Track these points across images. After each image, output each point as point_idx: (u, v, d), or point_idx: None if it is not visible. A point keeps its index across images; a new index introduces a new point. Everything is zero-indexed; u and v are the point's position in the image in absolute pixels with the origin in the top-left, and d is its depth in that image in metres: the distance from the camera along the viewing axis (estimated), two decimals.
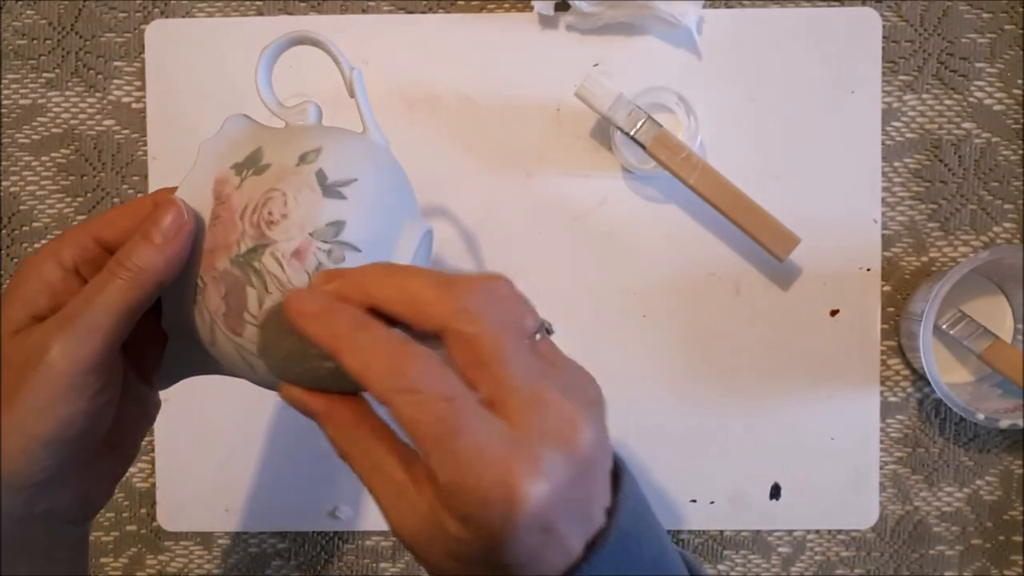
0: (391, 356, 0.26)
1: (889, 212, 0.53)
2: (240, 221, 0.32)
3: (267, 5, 0.54)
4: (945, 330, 0.51)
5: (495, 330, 0.27)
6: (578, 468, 0.26)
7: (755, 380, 0.53)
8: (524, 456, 0.25)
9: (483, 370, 0.26)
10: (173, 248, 0.32)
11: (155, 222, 0.32)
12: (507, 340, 0.27)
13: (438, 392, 0.26)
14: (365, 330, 0.27)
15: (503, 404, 0.26)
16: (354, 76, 0.38)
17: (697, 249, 0.53)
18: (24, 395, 0.31)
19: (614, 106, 0.49)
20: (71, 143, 0.55)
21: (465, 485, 0.25)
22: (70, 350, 0.31)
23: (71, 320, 0.31)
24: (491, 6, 0.54)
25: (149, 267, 0.32)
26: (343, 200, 0.33)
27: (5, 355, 0.32)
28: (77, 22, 0.54)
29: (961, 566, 0.54)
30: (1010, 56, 0.53)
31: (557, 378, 0.28)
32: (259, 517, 0.54)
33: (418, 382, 0.26)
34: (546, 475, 0.25)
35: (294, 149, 0.34)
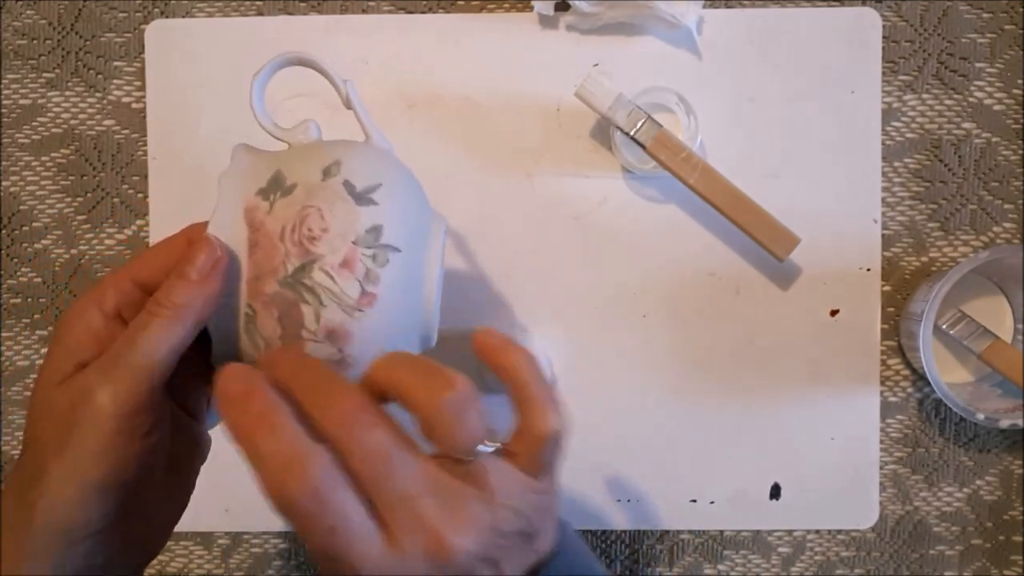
0: (283, 466, 0.27)
1: (889, 212, 0.53)
2: (281, 243, 0.33)
3: (267, 5, 0.54)
4: (945, 330, 0.51)
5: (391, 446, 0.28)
6: (461, 566, 0.28)
7: (755, 380, 0.53)
8: (403, 554, 0.27)
9: (372, 484, 0.28)
10: (210, 284, 0.32)
11: (190, 260, 0.32)
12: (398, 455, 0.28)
13: (324, 518, 0.27)
14: (268, 426, 0.28)
15: (385, 520, 0.28)
16: (348, 88, 0.38)
17: (697, 249, 0.53)
18: (74, 443, 0.30)
19: (614, 106, 0.49)
20: (71, 143, 0.55)
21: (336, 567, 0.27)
22: (116, 393, 0.31)
23: (114, 363, 0.31)
24: (491, 6, 0.54)
25: (188, 304, 0.32)
26: (376, 206, 0.34)
27: (52, 403, 0.32)
28: (77, 22, 0.54)
29: (961, 566, 0.54)
30: (1010, 56, 0.53)
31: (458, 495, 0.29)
32: (259, 517, 0.54)
33: (306, 502, 0.27)
34: (423, 567, 0.27)
35: (314, 166, 0.35)
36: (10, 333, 0.55)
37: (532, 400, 0.32)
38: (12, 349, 0.55)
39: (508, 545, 0.30)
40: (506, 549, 0.30)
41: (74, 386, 0.31)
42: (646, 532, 0.54)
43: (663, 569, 0.54)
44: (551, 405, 0.32)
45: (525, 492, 0.31)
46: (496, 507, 0.30)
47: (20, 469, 0.32)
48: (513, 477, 0.31)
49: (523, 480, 0.31)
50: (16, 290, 0.55)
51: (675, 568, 0.54)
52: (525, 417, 0.32)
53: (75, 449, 0.30)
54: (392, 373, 0.30)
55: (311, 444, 0.27)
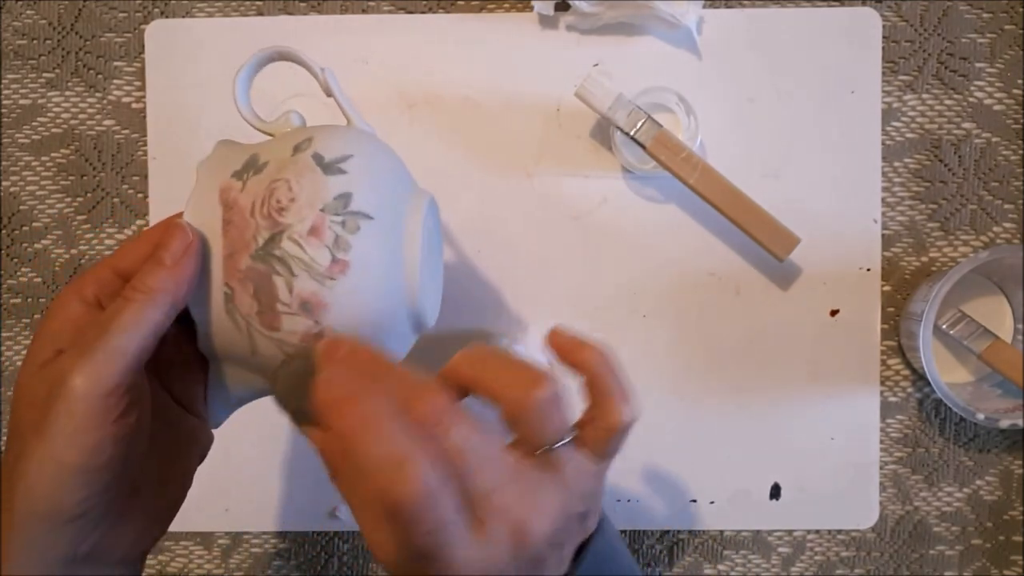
0: (393, 468, 0.27)
1: (889, 212, 0.53)
2: (252, 218, 0.33)
3: (267, 5, 0.54)
4: (945, 330, 0.51)
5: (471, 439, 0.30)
6: (535, 553, 0.30)
7: (755, 380, 0.53)
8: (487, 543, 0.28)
9: (460, 479, 0.29)
10: (183, 267, 0.33)
11: (164, 246, 0.33)
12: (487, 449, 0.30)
13: (428, 518, 0.27)
14: (375, 429, 0.28)
15: (472, 512, 0.29)
16: (327, 76, 0.38)
17: (697, 249, 0.53)
18: (50, 425, 0.31)
19: (614, 106, 0.49)
20: (71, 143, 0.55)
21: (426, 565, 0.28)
22: (88, 375, 0.31)
23: (89, 346, 0.32)
24: (491, 6, 0.54)
25: (161, 288, 0.33)
26: (345, 174, 0.34)
27: (31, 390, 0.32)
28: (77, 22, 0.54)
29: (961, 566, 0.54)
30: (1010, 56, 0.53)
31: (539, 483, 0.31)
32: (259, 517, 0.54)
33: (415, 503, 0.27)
34: (502, 560, 0.29)
35: (287, 144, 0.35)
36: (10, 333, 0.55)
37: (607, 395, 0.33)
38: (12, 349, 0.55)
39: (572, 528, 0.32)
40: (570, 532, 0.32)
41: (51, 370, 0.32)
42: (646, 532, 0.54)
43: (663, 569, 0.54)
44: (625, 398, 0.33)
45: (590, 478, 0.32)
46: (568, 494, 0.31)
47: (4, 456, 0.33)
48: (584, 466, 0.32)
49: (590, 468, 0.32)
50: (16, 290, 0.55)
51: (675, 568, 0.54)
52: (599, 409, 0.33)
53: (50, 431, 0.31)
54: (478, 369, 0.31)
55: (415, 446, 0.28)
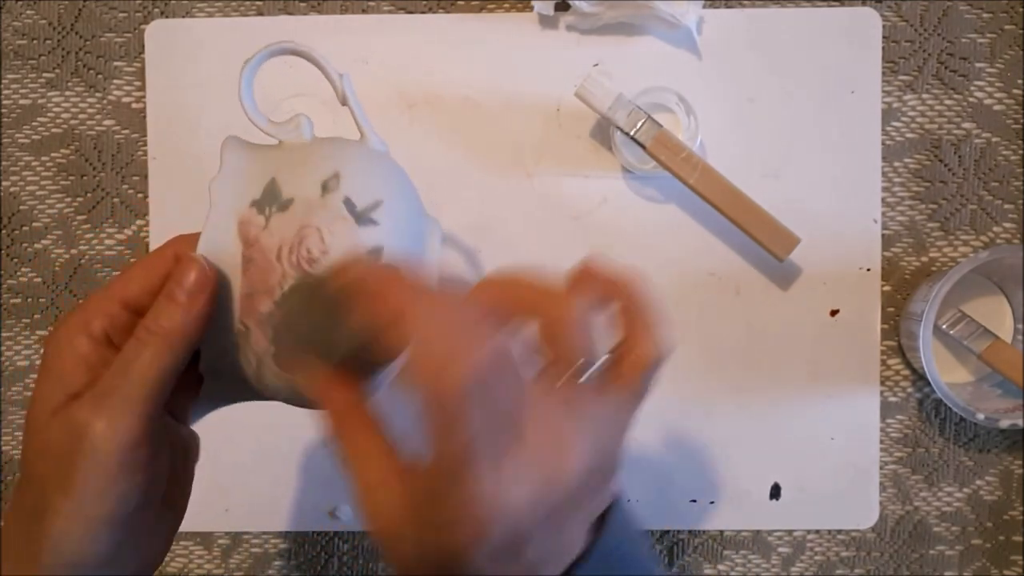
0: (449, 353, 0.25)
1: (889, 212, 0.53)
2: (278, 263, 0.32)
3: (267, 5, 0.54)
4: (945, 330, 0.51)
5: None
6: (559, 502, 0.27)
7: (755, 380, 0.53)
8: (513, 480, 0.26)
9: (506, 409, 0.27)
10: (198, 306, 0.32)
11: (178, 281, 0.32)
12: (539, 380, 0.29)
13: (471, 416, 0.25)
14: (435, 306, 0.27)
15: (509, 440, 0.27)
16: (344, 82, 0.37)
17: (697, 249, 0.53)
18: (77, 481, 0.30)
19: (614, 106, 0.49)
20: (71, 143, 0.55)
21: (449, 491, 0.26)
22: (114, 429, 0.30)
23: (108, 396, 0.31)
24: (491, 6, 0.54)
25: (178, 328, 0.31)
26: (377, 226, 0.33)
27: (46, 438, 0.31)
28: (77, 22, 0.54)
29: (961, 566, 0.54)
30: (1010, 56, 0.53)
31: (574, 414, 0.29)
32: (259, 517, 0.54)
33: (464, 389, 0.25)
34: (526, 503, 0.26)
35: (311, 177, 0.33)
36: (10, 333, 0.55)
37: (642, 324, 0.31)
38: (12, 349, 0.55)
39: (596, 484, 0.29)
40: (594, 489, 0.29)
41: (69, 420, 0.31)
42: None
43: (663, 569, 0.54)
44: (659, 328, 0.31)
45: (619, 423, 0.30)
46: (597, 440, 0.29)
47: (22, 501, 0.32)
48: (613, 407, 0.30)
49: (620, 410, 0.30)
50: (16, 290, 0.55)
51: (675, 568, 0.54)
52: (634, 340, 0.31)
53: (78, 488, 0.30)
54: (512, 287, 0.30)
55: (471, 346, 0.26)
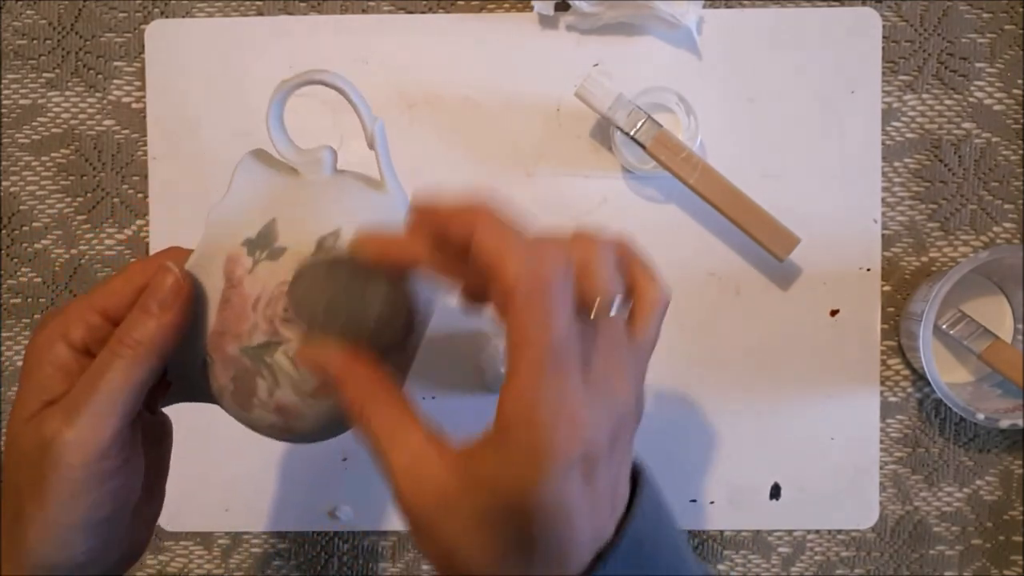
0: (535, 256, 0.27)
1: (889, 212, 0.53)
2: (252, 312, 0.32)
3: (267, 5, 0.54)
4: (945, 330, 0.51)
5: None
6: (618, 428, 0.28)
7: (755, 380, 0.53)
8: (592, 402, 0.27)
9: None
10: (169, 317, 0.31)
11: (152, 292, 0.32)
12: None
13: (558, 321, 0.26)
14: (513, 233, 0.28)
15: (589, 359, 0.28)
16: (376, 128, 0.35)
17: (697, 249, 0.53)
18: (46, 491, 0.30)
19: (614, 106, 0.49)
20: (71, 143, 0.55)
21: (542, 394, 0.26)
22: (81, 441, 0.30)
23: (78, 407, 0.31)
24: (491, 6, 0.54)
25: (148, 340, 0.31)
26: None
27: (21, 445, 0.31)
28: (77, 22, 0.54)
29: (961, 566, 0.54)
30: (1010, 56, 0.53)
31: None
32: (259, 517, 0.54)
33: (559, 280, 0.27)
34: (598, 419, 0.27)
35: (311, 228, 0.32)
36: (10, 333, 0.55)
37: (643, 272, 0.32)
38: (12, 349, 0.55)
39: (629, 421, 0.30)
40: (625, 426, 0.29)
41: (40, 430, 0.31)
42: None
43: None
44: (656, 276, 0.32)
45: (639, 362, 0.31)
46: (634, 368, 0.30)
47: (4, 505, 0.32)
48: (631, 345, 0.30)
49: (636, 349, 0.31)
50: (16, 290, 0.55)
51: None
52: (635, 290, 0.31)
53: (49, 497, 0.30)
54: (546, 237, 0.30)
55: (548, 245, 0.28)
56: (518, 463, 0.26)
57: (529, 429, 0.26)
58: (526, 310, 0.26)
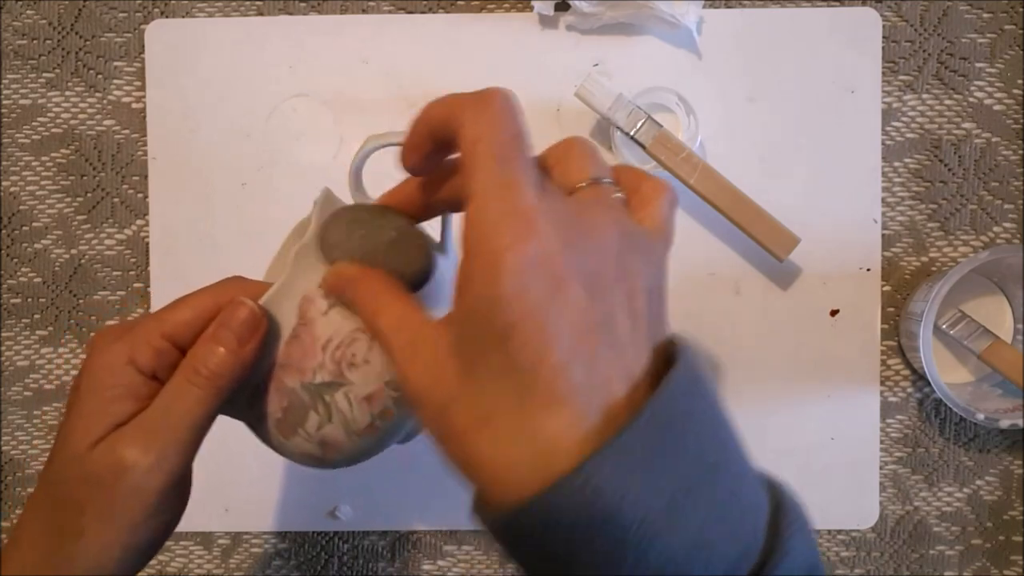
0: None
1: (889, 212, 0.53)
2: (321, 352, 0.33)
3: (267, 5, 0.54)
4: (945, 330, 0.51)
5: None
6: (594, 261, 0.26)
7: (755, 380, 0.53)
8: (547, 214, 0.25)
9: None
10: (246, 351, 0.32)
11: (226, 323, 0.32)
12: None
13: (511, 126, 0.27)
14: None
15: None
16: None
17: (697, 249, 0.53)
18: (118, 512, 0.31)
19: (614, 106, 0.49)
20: (71, 143, 0.55)
21: (493, 201, 0.25)
22: (159, 468, 0.31)
23: (155, 434, 0.32)
24: (491, 6, 0.54)
25: (224, 372, 0.32)
26: None
27: (87, 466, 0.32)
28: (77, 22, 0.54)
29: (961, 566, 0.54)
30: (1010, 56, 0.53)
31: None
32: (259, 517, 0.54)
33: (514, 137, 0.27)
34: (559, 240, 0.25)
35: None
36: (10, 333, 0.55)
37: (643, 174, 0.30)
38: (12, 349, 0.55)
39: (641, 280, 0.27)
40: (640, 282, 0.27)
41: (114, 453, 0.31)
42: None
43: None
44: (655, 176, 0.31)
45: (646, 242, 0.28)
46: (624, 222, 0.28)
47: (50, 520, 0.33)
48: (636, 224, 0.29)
49: (644, 232, 0.29)
50: (16, 290, 0.55)
51: None
52: (639, 182, 0.30)
53: (121, 518, 0.31)
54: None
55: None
56: (476, 276, 0.25)
57: (477, 231, 0.25)
58: (477, 137, 0.26)
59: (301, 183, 0.53)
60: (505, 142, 0.26)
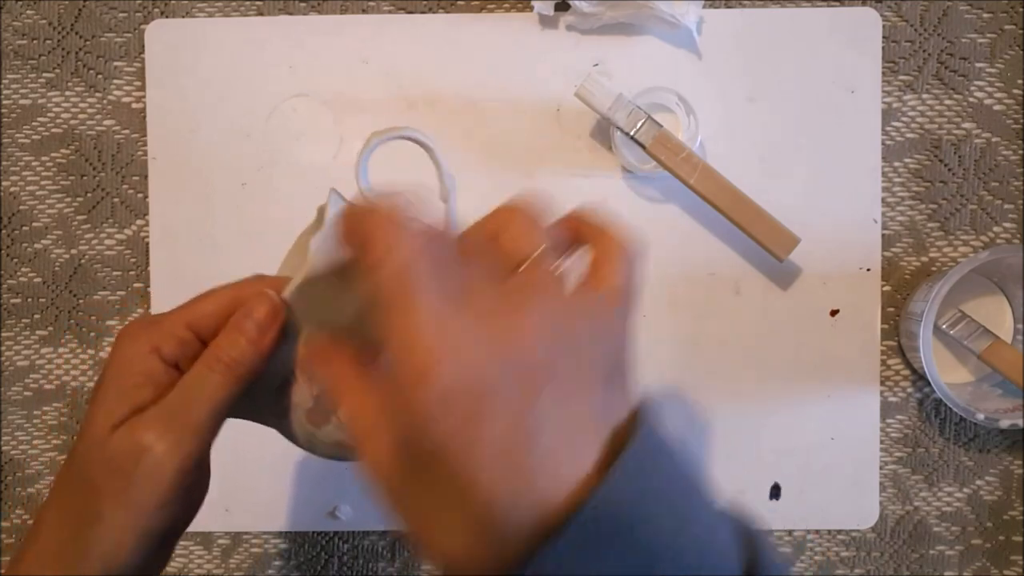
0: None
1: (889, 212, 0.53)
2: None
3: (267, 5, 0.54)
4: (945, 330, 0.51)
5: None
6: (522, 364, 0.24)
7: (755, 380, 0.53)
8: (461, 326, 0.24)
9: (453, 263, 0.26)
10: (266, 341, 0.33)
11: (248, 314, 0.33)
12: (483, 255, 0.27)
13: (393, 232, 0.25)
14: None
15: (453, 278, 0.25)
16: (451, 184, 0.37)
17: (697, 249, 0.53)
18: (134, 495, 0.32)
19: (614, 106, 0.49)
20: (71, 143, 0.55)
21: (393, 320, 0.24)
22: (177, 450, 0.32)
23: (174, 417, 0.32)
24: (491, 6, 0.54)
25: (245, 360, 0.33)
26: None
27: (107, 449, 0.32)
28: (77, 22, 0.54)
29: (961, 566, 0.54)
30: (1010, 56, 0.53)
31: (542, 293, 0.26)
32: (259, 517, 0.54)
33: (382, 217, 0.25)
34: (479, 351, 0.24)
35: None
36: (10, 333, 0.55)
37: (603, 228, 0.29)
38: (12, 349, 0.55)
39: (581, 374, 0.26)
40: (579, 377, 0.26)
41: (134, 436, 0.32)
42: None
43: None
44: (618, 228, 0.29)
45: (598, 321, 0.27)
46: (567, 307, 0.26)
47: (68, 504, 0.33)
48: (586, 302, 0.27)
49: (596, 309, 0.27)
50: (16, 290, 0.55)
51: None
52: (596, 240, 0.29)
53: (136, 502, 0.32)
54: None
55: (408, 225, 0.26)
56: (399, 400, 0.24)
57: (393, 356, 0.24)
58: (376, 263, 0.25)
59: (301, 183, 0.53)
60: (408, 258, 0.24)
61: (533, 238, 0.28)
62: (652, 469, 0.26)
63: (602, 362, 0.27)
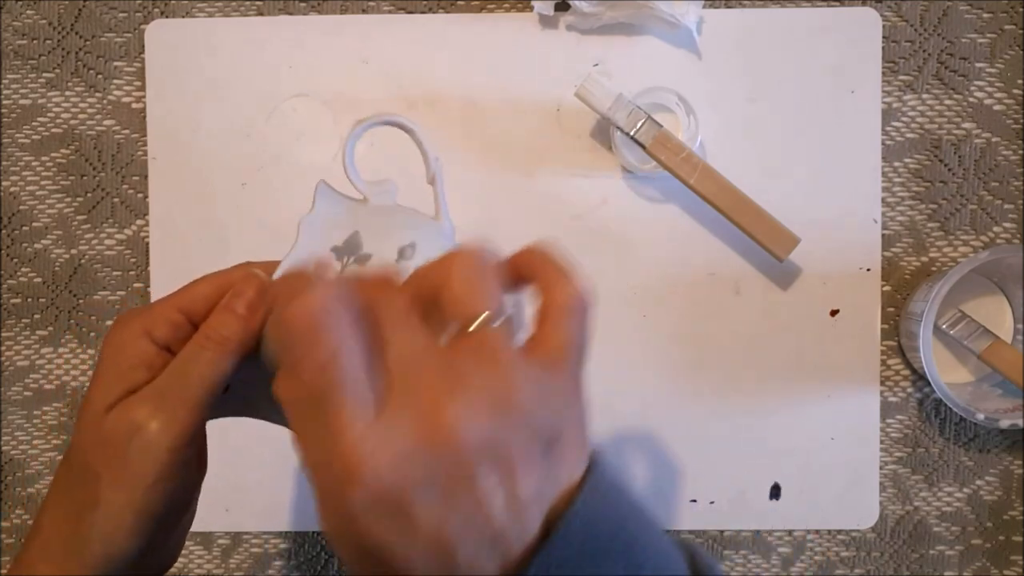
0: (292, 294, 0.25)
1: (889, 212, 0.53)
2: None
3: (267, 5, 0.54)
4: (945, 330, 0.51)
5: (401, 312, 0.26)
6: (446, 457, 0.24)
7: (755, 380, 0.53)
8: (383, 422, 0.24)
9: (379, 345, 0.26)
10: (256, 320, 0.33)
11: (238, 294, 0.34)
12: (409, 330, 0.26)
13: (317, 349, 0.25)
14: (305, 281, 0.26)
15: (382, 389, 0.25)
16: (437, 167, 0.38)
17: (697, 249, 0.53)
18: (131, 474, 0.32)
19: (614, 106, 0.49)
20: (71, 143, 0.55)
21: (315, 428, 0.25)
22: (170, 426, 0.32)
23: (166, 395, 0.32)
24: (491, 6, 0.54)
25: (234, 337, 0.33)
26: None
27: (102, 431, 0.32)
28: (77, 22, 0.54)
29: (961, 566, 0.54)
30: (1010, 56, 0.53)
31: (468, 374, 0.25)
32: (259, 517, 0.54)
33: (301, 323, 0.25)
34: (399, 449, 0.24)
35: (391, 240, 0.36)
36: (10, 333, 0.55)
37: (546, 274, 0.28)
38: (12, 349, 0.55)
39: (523, 446, 0.25)
40: (522, 451, 0.25)
41: (127, 415, 0.32)
42: None
43: None
44: (567, 275, 0.28)
45: (547, 385, 0.26)
46: (508, 386, 0.25)
47: (68, 493, 0.33)
48: (535, 368, 0.26)
49: (546, 372, 0.26)
50: (16, 290, 0.55)
51: None
52: (542, 294, 0.28)
53: (132, 481, 0.32)
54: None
55: (326, 281, 0.26)
56: (320, 510, 0.25)
57: (310, 473, 0.25)
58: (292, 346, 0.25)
59: (301, 183, 0.53)
60: (324, 361, 0.24)
61: (475, 298, 0.26)
62: (602, 515, 0.26)
63: (550, 425, 0.26)
